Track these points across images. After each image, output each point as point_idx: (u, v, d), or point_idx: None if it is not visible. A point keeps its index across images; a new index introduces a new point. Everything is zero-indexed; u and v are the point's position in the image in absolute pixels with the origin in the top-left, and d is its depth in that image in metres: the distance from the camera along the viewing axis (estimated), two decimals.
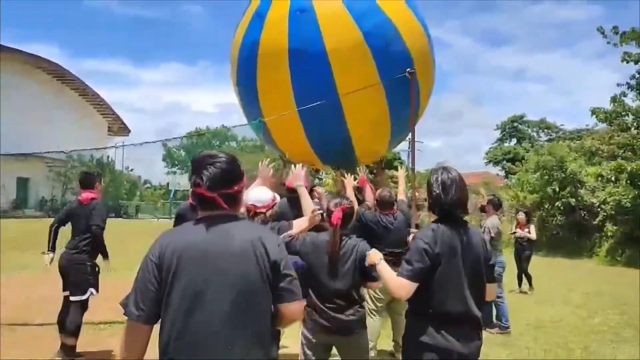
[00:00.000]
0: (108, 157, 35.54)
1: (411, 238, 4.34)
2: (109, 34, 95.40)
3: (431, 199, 2.65)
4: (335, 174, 7.18)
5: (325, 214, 3.46)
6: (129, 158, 38.11)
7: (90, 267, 4.93)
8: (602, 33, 15.16)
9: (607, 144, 17.18)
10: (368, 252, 3.16)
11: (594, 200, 16.69)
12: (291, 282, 1.99)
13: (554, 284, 10.40)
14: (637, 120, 15.79)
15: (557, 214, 17.57)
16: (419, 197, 6.66)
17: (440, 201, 2.59)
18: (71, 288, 4.83)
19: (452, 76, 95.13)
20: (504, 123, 43.20)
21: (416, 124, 7.12)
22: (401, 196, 5.51)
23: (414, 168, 6.33)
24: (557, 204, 17.42)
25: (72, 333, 4.76)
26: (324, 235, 3.39)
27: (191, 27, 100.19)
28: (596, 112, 16.20)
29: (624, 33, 14.98)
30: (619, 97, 15.77)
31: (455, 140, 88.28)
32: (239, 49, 6.61)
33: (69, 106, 33.08)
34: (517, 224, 10.46)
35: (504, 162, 38.67)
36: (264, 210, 3.50)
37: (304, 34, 5.90)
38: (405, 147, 7.14)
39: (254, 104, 6.66)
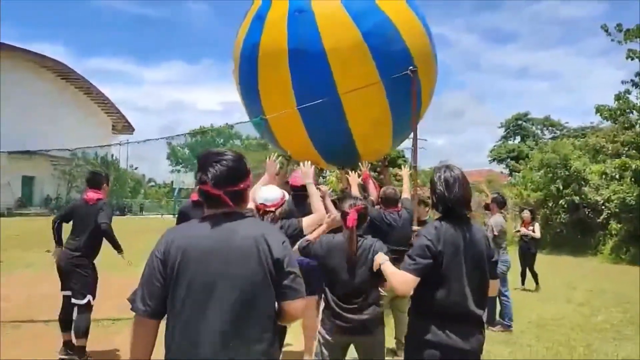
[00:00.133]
0: (112, 156, 35.70)
1: (414, 235, 4.35)
2: (113, 32, 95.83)
3: (435, 197, 2.66)
4: (339, 172, 7.20)
5: (340, 215, 3.48)
6: (133, 156, 38.28)
7: (92, 270, 4.87)
8: (606, 31, 15.06)
9: (612, 141, 17.10)
10: (383, 251, 3.19)
11: (598, 198, 16.59)
12: (294, 280, 1.98)
13: (557, 282, 10.37)
14: None
15: (561, 211, 17.49)
16: (423, 194, 6.66)
17: (444, 199, 2.60)
18: (73, 291, 4.76)
19: (456, 74, 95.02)
20: (508, 121, 43.13)
21: (418, 122, 7.11)
22: (405, 194, 5.52)
23: (416, 166, 6.32)
24: (561, 201, 17.36)
25: (84, 334, 4.73)
26: (339, 237, 3.41)
27: (194, 25, 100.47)
28: (601, 109, 16.12)
29: (627, 30, 14.88)
30: (624, 94, 15.69)
31: (460, 138, 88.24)
32: (240, 50, 6.66)
33: (74, 105, 33.25)
34: (521, 222, 10.44)
35: (508, 160, 38.62)
36: (273, 208, 3.54)
37: (302, 34, 5.91)
38: (409, 145, 7.13)
39: (256, 103, 6.71)
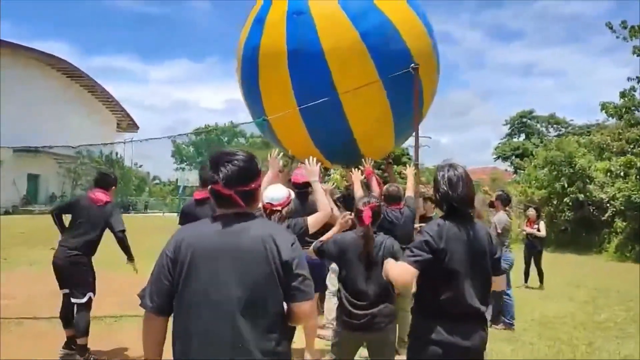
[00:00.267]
0: (117, 154, 35.79)
1: (416, 232, 4.34)
2: (117, 30, 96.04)
3: (438, 196, 2.67)
4: (344, 171, 7.23)
5: (354, 213, 3.50)
6: (138, 154, 38.37)
7: (90, 268, 4.84)
8: (611, 28, 14.93)
9: (617, 139, 16.99)
10: (394, 249, 3.18)
11: (603, 196, 16.51)
12: (303, 282, 1.97)
13: (561, 280, 10.31)
14: None
15: (566, 209, 17.39)
16: (428, 192, 6.66)
17: (448, 198, 2.60)
18: (73, 289, 4.73)
19: (460, 71, 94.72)
20: (513, 118, 42.94)
21: (421, 121, 7.12)
22: (409, 193, 5.51)
23: (417, 164, 6.32)
24: (565, 199, 17.25)
25: (84, 332, 4.72)
26: (350, 235, 3.44)
27: (199, 23, 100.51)
28: (606, 106, 15.99)
29: (632, 27, 14.76)
30: (629, 91, 15.56)
31: (464, 136, 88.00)
32: (242, 52, 6.79)
33: (78, 103, 33.31)
34: (527, 220, 10.40)
35: (513, 158, 38.48)
36: (280, 207, 3.54)
37: (301, 35, 6.00)
38: (413, 142, 7.17)
39: (257, 104, 6.82)
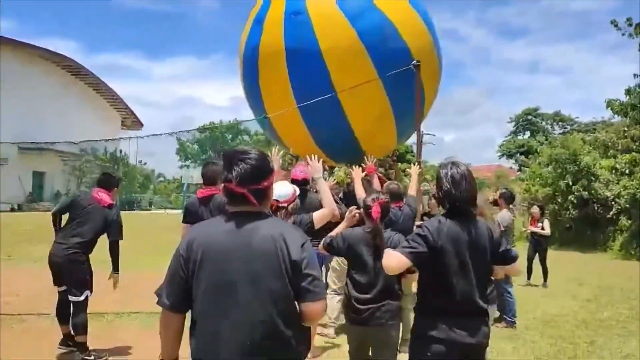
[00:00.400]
0: (121, 151, 35.86)
1: (416, 227, 4.32)
2: (122, 28, 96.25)
3: (441, 194, 2.66)
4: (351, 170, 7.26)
5: (362, 209, 3.53)
6: (142, 152, 38.43)
7: (88, 266, 4.82)
8: (616, 26, 14.83)
9: (622, 137, 16.88)
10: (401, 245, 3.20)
11: (608, 194, 16.39)
12: (312, 282, 1.95)
13: (564, 278, 10.27)
14: None
15: (570, 207, 17.27)
16: (432, 189, 6.65)
17: (451, 196, 2.60)
18: (70, 287, 4.72)
19: (466, 69, 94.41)
20: (518, 116, 42.82)
21: (423, 120, 7.11)
22: (411, 192, 5.49)
23: (420, 161, 6.31)
24: (570, 197, 17.12)
25: (83, 330, 4.74)
26: (358, 230, 3.47)
27: (203, 20, 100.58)
28: (611, 104, 15.87)
29: (638, 24, 14.64)
30: (635, 88, 15.44)
31: (469, 133, 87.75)
32: (243, 51, 6.87)
33: (83, 100, 33.44)
34: (530, 218, 10.35)
35: (518, 155, 38.36)
36: (285, 204, 3.56)
37: (299, 35, 6.07)
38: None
39: (258, 103, 6.90)
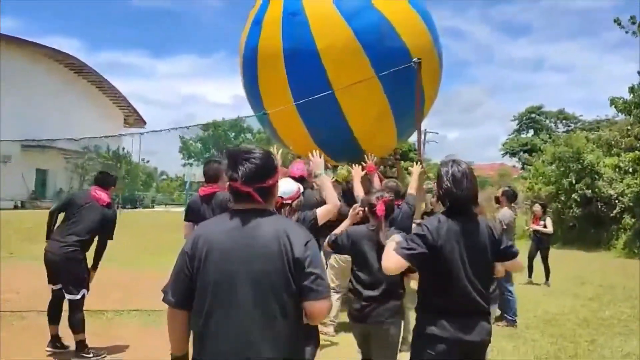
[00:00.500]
0: (124, 149, 35.91)
1: (416, 225, 4.29)
2: (125, 26, 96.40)
3: (441, 192, 2.65)
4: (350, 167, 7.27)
5: (367, 207, 3.54)
6: (145, 150, 38.46)
7: (85, 265, 4.81)
8: (619, 24, 14.76)
9: (625, 135, 16.78)
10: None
11: (611, 192, 16.32)
12: (315, 281, 1.93)
13: (567, 276, 10.23)
14: None
15: (574, 205, 17.21)
16: (434, 188, 6.63)
17: (451, 194, 2.59)
18: (68, 285, 4.70)
19: (470, 66, 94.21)
20: (521, 114, 42.70)
21: (423, 118, 7.09)
22: (411, 191, 5.46)
23: (421, 160, 6.27)
24: (573, 195, 17.06)
25: (81, 328, 4.74)
26: (362, 228, 3.50)
27: (206, 18, 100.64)
28: (615, 101, 15.82)
29: None
30: (639, 86, 15.36)
31: (472, 131, 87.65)
32: (243, 52, 6.93)
33: (86, 98, 33.50)
34: (533, 216, 10.32)
35: (521, 154, 38.25)
36: (290, 201, 3.56)
37: (296, 36, 6.09)
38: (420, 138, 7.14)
39: (258, 103, 7.01)
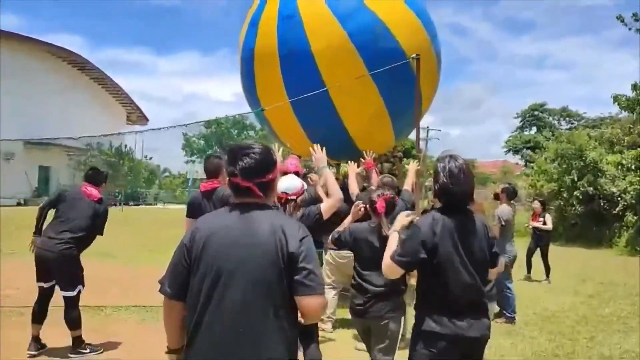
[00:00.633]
0: (126, 146, 35.95)
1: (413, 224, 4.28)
2: (128, 23, 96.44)
3: (438, 187, 2.63)
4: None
5: (368, 204, 3.58)
6: (147, 147, 38.52)
7: (79, 261, 4.81)
8: (622, 21, 14.67)
9: (628, 133, 16.69)
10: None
11: (614, 190, 16.26)
12: (307, 277, 1.92)
13: (568, 274, 10.23)
14: None
15: (576, 203, 17.16)
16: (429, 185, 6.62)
17: (448, 190, 2.57)
18: (64, 282, 4.70)
19: (472, 64, 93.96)
20: (524, 111, 42.59)
21: (422, 118, 7.10)
22: (407, 187, 5.46)
23: (418, 157, 6.27)
24: (575, 193, 17.01)
25: (78, 325, 4.74)
26: (364, 225, 3.55)
27: (208, 16, 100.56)
28: (618, 99, 15.75)
29: None
30: None
31: (475, 128, 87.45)
32: (241, 52, 7.06)
33: (88, 95, 33.53)
34: (532, 213, 10.31)
35: (524, 151, 38.13)
36: (294, 197, 3.59)
37: (291, 37, 6.20)
38: (422, 135, 7.18)
39: (256, 103, 7.16)
